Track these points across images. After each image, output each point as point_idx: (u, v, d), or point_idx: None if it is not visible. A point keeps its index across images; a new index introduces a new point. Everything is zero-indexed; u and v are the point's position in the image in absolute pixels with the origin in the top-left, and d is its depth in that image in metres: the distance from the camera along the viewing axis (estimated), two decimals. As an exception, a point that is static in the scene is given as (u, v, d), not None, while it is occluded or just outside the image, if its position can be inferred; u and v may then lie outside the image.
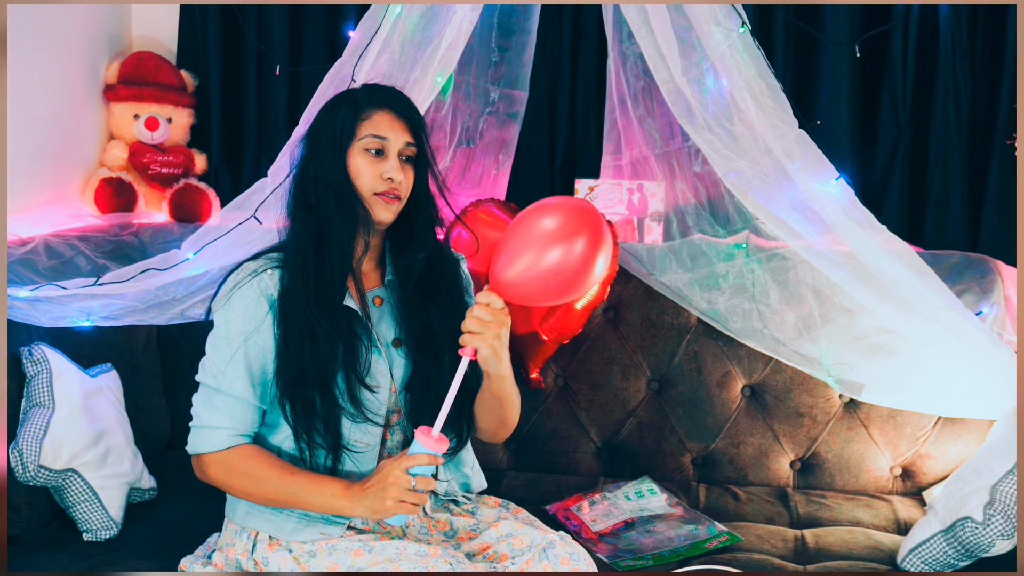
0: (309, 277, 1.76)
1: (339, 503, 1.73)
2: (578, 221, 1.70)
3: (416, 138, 1.83)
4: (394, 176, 1.78)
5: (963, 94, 2.63)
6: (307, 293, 1.75)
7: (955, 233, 2.67)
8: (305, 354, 1.75)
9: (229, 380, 1.77)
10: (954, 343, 2.08)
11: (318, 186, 1.79)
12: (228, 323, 1.78)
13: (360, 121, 1.79)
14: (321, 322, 1.74)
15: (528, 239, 1.70)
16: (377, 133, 1.79)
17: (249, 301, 1.78)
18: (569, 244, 1.68)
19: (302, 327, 1.75)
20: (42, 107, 2.60)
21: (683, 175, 2.58)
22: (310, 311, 1.74)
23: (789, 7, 2.68)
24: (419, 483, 1.68)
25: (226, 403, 1.78)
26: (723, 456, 2.52)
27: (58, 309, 2.18)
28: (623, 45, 2.54)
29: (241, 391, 1.78)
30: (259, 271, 1.80)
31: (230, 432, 1.78)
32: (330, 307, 1.76)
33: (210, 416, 1.79)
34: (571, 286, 1.72)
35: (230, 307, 1.79)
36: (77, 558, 2.00)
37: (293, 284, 1.77)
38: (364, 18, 2.23)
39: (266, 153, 2.92)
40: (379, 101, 1.82)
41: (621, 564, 2.05)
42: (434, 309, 1.85)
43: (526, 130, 2.74)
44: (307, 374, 1.75)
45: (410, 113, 1.84)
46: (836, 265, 2.18)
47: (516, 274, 1.70)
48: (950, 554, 1.96)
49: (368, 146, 1.79)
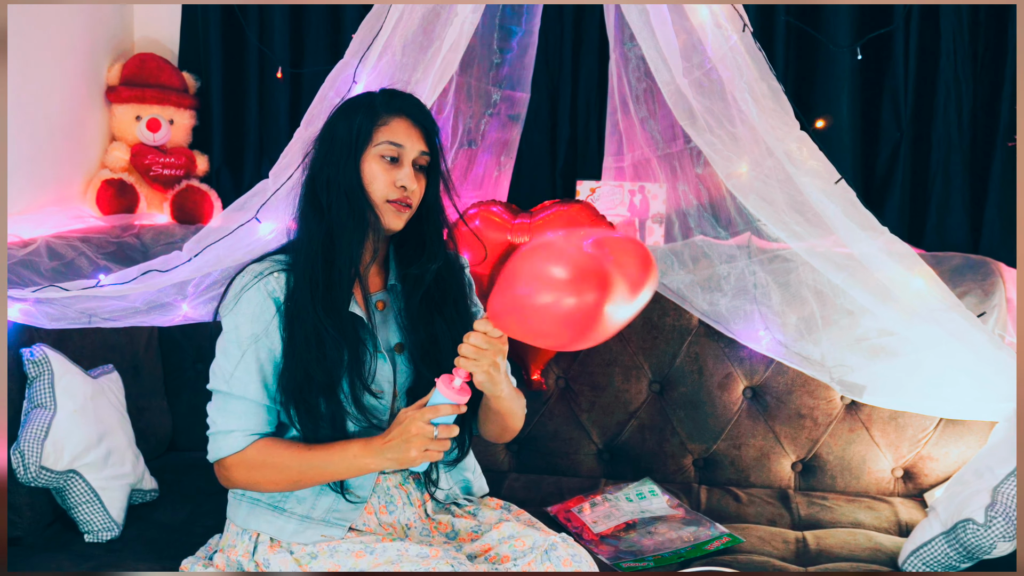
0: (318, 283, 1.76)
1: (363, 461, 1.72)
2: (585, 279, 1.57)
3: (431, 147, 1.83)
4: (408, 184, 1.78)
5: (964, 96, 2.63)
6: (315, 299, 1.75)
7: (956, 235, 2.67)
8: (312, 360, 1.75)
9: (241, 383, 1.77)
10: (955, 345, 2.08)
11: (330, 189, 1.78)
12: (237, 327, 1.78)
13: (377, 127, 1.79)
14: (328, 328, 1.74)
15: (537, 282, 1.58)
16: (394, 140, 1.79)
17: (256, 304, 1.78)
18: (580, 296, 1.55)
19: (309, 333, 1.75)
20: (44, 108, 2.60)
21: (685, 177, 2.58)
22: (318, 317, 1.74)
23: (790, 9, 2.68)
24: (442, 432, 1.68)
25: (239, 406, 1.78)
26: (724, 458, 2.52)
27: (60, 310, 2.18)
28: (625, 47, 2.55)
29: (254, 393, 1.78)
30: (264, 273, 1.80)
31: (244, 433, 1.78)
32: (337, 313, 1.76)
33: (224, 421, 1.79)
34: (578, 337, 1.62)
35: (238, 311, 1.79)
36: (78, 559, 2.00)
37: (300, 289, 1.77)
38: (365, 20, 2.22)
39: (267, 154, 2.93)
40: (397, 108, 1.81)
41: (622, 565, 2.05)
42: (440, 320, 1.85)
43: (528, 132, 2.75)
44: (313, 380, 1.75)
45: (427, 122, 1.83)
46: (837, 267, 2.18)
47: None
48: (951, 556, 1.95)
49: (384, 153, 1.79)
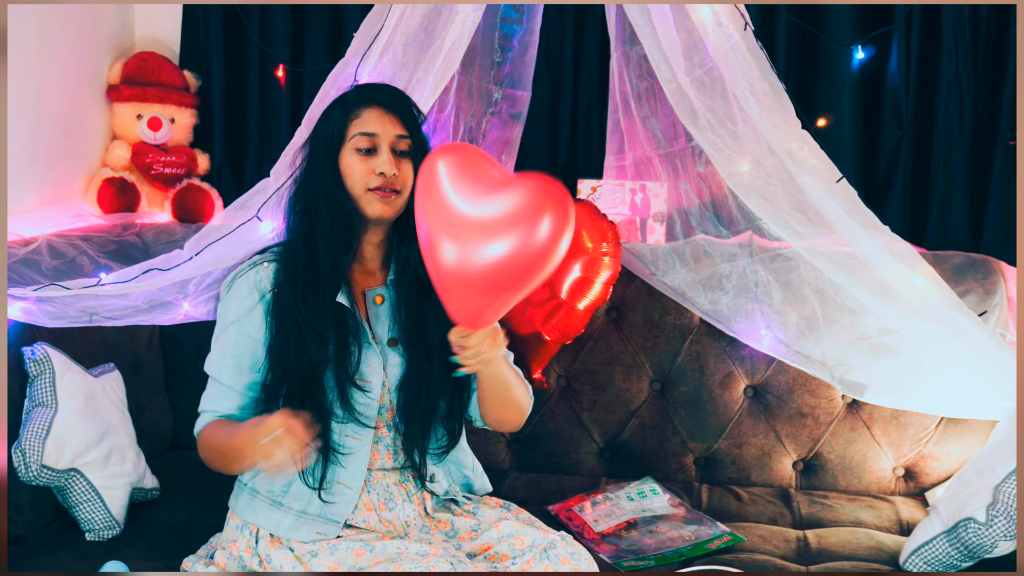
0: (299, 279, 1.78)
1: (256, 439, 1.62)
2: None
3: (410, 129, 1.82)
4: (386, 170, 1.78)
5: (966, 94, 2.62)
6: (296, 295, 1.77)
7: (958, 234, 2.66)
8: (291, 354, 1.77)
9: (216, 367, 1.83)
10: (957, 344, 2.07)
11: (311, 192, 1.81)
12: (224, 314, 1.83)
13: (350, 121, 1.80)
14: (309, 323, 1.76)
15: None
16: (365, 131, 1.79)
17: (242, 291, 1.81)
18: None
19: (289, 328, 1.77)
20: (45, 107, 2.60)
21: (686, 175, 2.58)
22: (298, 312, 1.76)
23: (791, 7, 2.68)
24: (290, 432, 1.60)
25: (216, 390, 1.83)
26: (725, 456, 2.52)
27: (61, 309, 2.18)
28: (626, 45, 2.54)
29: (227, 378, 1.82)
30: (257, 263, 1.83)
31: (213, 414, 1.82)
32: (319, 308, 1.77)
33: (203, 403, 1.85)
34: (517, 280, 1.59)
35: (228, 298, 1.83)
36: (80, 558, 2.00)
37: (284, 284, 1.79)
38: (367, 18, 2.23)
39: (268, 153, 2.93)
40: (367, 99, 1.82)
41: (624, 564, 2.05)
42: (428, 304, 1.84)
43: (529, 130, 2.74)
44: (291, 373, 1.77)
45: (400, 106, 1.83)
46: (839, 266, 2.18)
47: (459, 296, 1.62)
48: (953, 555, 1.95)
49: (358, 145, 1.79)
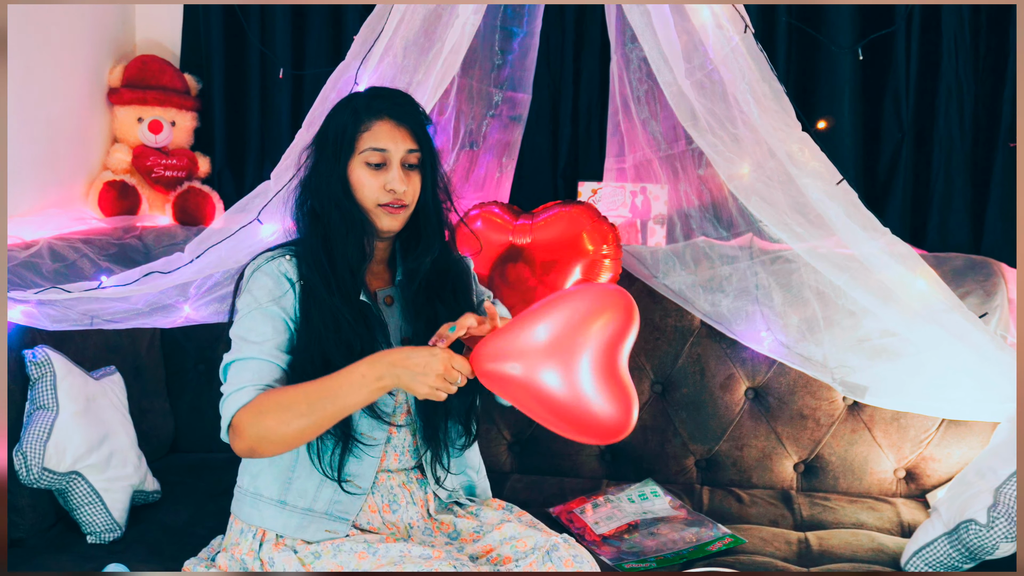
0: (328, 274, 1.76)
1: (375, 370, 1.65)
2: None
3: (420, 143, 1.82)
4: (396, 187, 1.78)
5: (966, 96, 2.63)
6: (330, 288, 1.75)
7: (958, 236, 2.66)
8: (330, 344, 1.73)
9: (256, 343, 1.73)
10: (957, 346, 2.07)
11: (321, 198, 1.80)
12: (256, 299, 1.76)
13: (360, 133, 1.78)
14: (345, 313, 1.74)
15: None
16: (377, 146, 1.78)
17: (271, 277, 1.77)
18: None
19: (327, 319, 1.74)
20: (46, 110, 2.61)
21: (687, 178, 2.58)
22: (334, 304, 1.74)
23: (792, 10, 2.68)
24: (462, 381, 1.65)
25: (251, 364, 1.72)
26: (726, 458, 2.52)
27: (62, 312, 2.18)
28: (626, 48, 2.55)
29: (268, 352, 1.73)
30: (275, 256, 1.80)
31: (255, 386, 1.70)
32: (351, 302, 1.77)
33: (237, 379, 1.72)
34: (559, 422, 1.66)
35: (251, 288, 1.77)
36: (81, 560, 2.00)
37: (313, 279, 1.76)
38: (367, 21, 2.23)
39: (269, 156, 2.93)
40: (378, 110, 1.80)
41: (625, 566, 2.05)
42: (441, 308, 1.85)
43: (529, 133, 2.75)
44: (331, 364, 1.71)
45: (411, 119, 1.82)
46: (839, 268, 2.18)
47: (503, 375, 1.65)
48: (954, 556, 1.95)
49: (369, 160, 1.78)
